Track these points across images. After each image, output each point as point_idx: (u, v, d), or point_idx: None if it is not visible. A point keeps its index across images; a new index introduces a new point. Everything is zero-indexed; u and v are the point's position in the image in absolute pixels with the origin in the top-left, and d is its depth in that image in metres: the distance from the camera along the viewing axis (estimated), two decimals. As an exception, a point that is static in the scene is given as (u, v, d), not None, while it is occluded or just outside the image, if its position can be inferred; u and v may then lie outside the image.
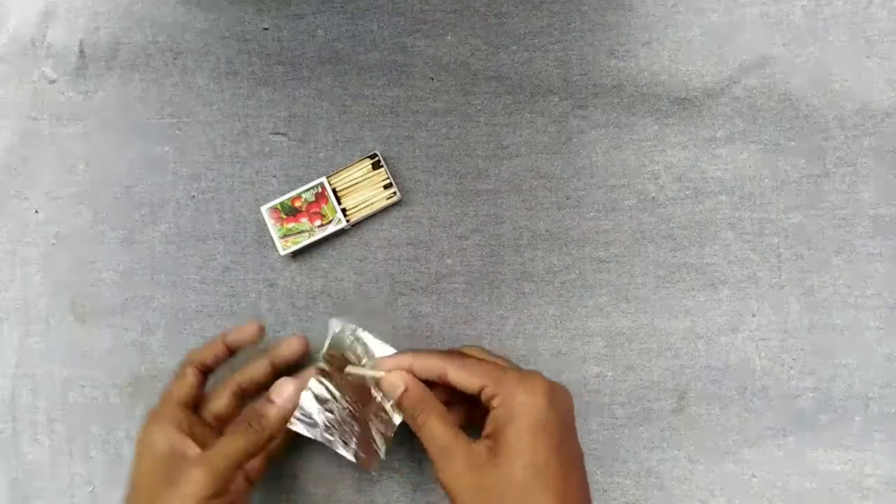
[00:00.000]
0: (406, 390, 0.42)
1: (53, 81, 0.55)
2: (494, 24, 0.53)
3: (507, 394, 0.39)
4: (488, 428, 0.40)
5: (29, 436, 0.53)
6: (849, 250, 0.51)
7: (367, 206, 0.52)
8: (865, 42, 0.52)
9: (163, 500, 0.38)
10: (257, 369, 0.48)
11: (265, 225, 0.52)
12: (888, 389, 0.50)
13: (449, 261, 0.53)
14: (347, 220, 0.51)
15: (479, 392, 0.40)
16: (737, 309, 0.51)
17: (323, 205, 0.51)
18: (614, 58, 0.53)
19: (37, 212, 0.55)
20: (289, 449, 0.51)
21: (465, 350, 0.46)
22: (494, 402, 0.39)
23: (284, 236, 0.51)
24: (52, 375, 0.53)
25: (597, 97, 0.53)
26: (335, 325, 0.46)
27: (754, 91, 0.52)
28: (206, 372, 0.47)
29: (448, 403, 0.43)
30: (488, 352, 0.46)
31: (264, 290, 0.53)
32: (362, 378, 0.45)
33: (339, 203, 0.51)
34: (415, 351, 0.44)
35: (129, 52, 0.55)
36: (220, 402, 0.46)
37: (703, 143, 0.52)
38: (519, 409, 0.38)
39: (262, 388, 0.47)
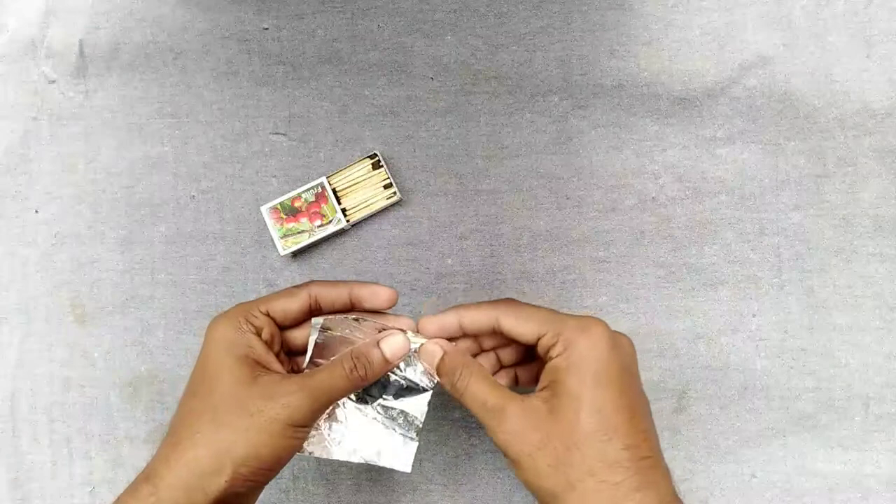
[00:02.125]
0: (444, 355, 0.39)
1: (53, 81, 0.55)
2: (494, 24, 0.53)
3: (566, 342, 0.36)
4: (545, 380, 0.37)
5: (29, 436, 0.53)
6: (849, 250, 0.51)
7: (367, 206, 0.52)
8: (865, 42, 0.52)
9: (252, 405, 0.35)
10: (338, 296, 0.41)
11: (265, 225, 0.52)
12: (888, 389, 0.50)
13: (449, 261, 0.53)
14: (347, 220, 0.51)
15: (536, 342, 0.38)
16: (737, 309, 0.51)
17: (323, 205, 0.51)
18: (614, 58, 0.53)
19: (37, 212, 0.55)
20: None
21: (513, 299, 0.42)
22: (553, 352, 0.37)
23: (284, 236, 0.51)
24: (52, 375, 0.53)
25: (597, 97, 0.53)
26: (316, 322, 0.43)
27: (754, 91, 0.52)
28: (316, 309, 0.41)
29: (494, 374, 0.41)
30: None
31: (264, 290, 0.53)
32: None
33: (339, 203, 0.51)
34: (460, 305, 0.41)
35: (129, 52, 0.55)
36: (290, 306, 0.40)
37: (703, 143, 0.52)
38: (580, 358, 0.36)
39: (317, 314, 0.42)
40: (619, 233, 0.52)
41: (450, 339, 0.41)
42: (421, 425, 0.41)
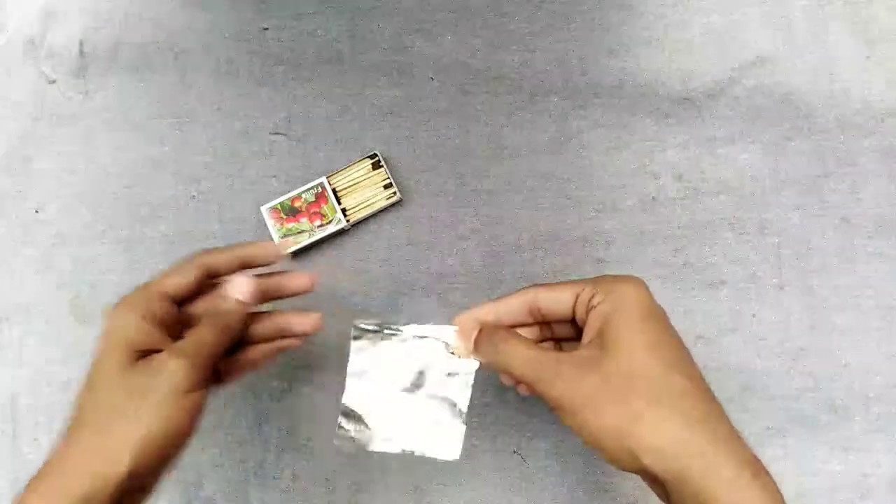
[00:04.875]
0: (481, 330, 0.39)
1: (53, 81, 0.55)
2: (494, 24, 0.53)
3: (606, 290, 0.36)
4: (590, 331, 0.36)
5: (29, 436, 0.53)
6: (849, 250, 0.51)
7: (367, 206, 0.52)
8: (865, 42, 0.52)
9: (138, 387, 0.36)
10: (227, 261, 0.42)
11: (265, 225, 0.52)
12: (888, 389, 0.50)
13: (449, 261, 0.53)
14: (347, 220, 0.51)
15: (573, 306, 0.37)
16: (737, 309, 0.51)
17: (323, 205, 0.51)
18: (614, 58, 0.53)
19: (37, 212, 0.55)
20: (289, 448, 0.51)
21: None
22: (594, 300, 0.36)
23: (285, 236, 0.51)
24: (52, 375, 0.53)
25: (597, 97, 0.53)
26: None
27: (754, 91, 0.52)
28: (209, 278, 0.41)
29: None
30: None
31: (264, 290, 0.53)
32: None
33: (339, 203, 0.51)
34: (492, 299, 0.40)
35: (129, 52, 0.55)
36: (182, 281, 0.40)
37: (703, 143, 0.52)
38: (624, 299, 0.35)
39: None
40: (619, 233, 0.52)
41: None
42: (465, 409, 0.41)
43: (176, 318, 0.40)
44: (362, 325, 0.42)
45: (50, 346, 0.54)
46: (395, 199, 0.52)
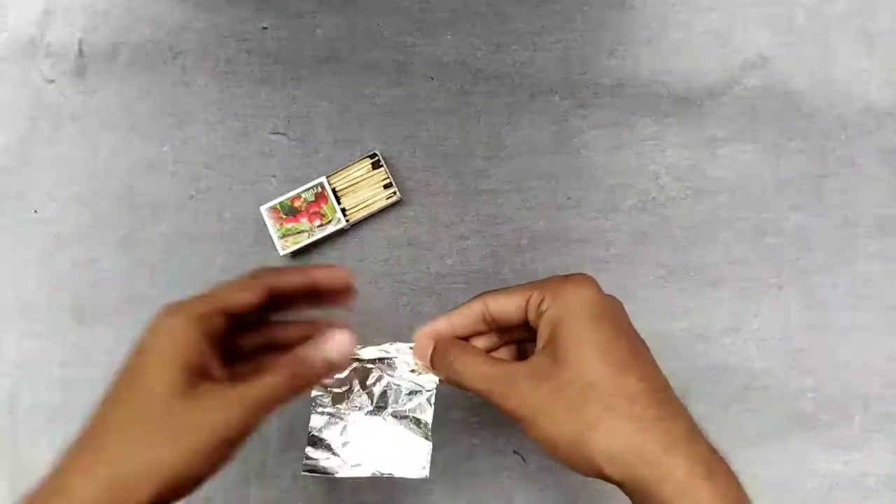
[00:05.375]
0: (435, 345, 0.38)
1: (53, 81, 0.55)
2: (494, 23, 0.53)
3: (554, 293, 0.35)
4: (542, 337, 0.36)
5: (29, 436, 0.53)
6: (849, 250, 0.51)
7: (367, 205, 0.51)
8: (865, 42, 0.52)
9: (187, 419, 0.32)
10: (295, 283, 0.38)
11: (265, 225, 0.52)
12: (888, 389, 0.50)
13: (449, 261, 0.53)
14: (347, 220, 0.51)
15: (525, 311, 0.37)
16: (737, 309, 0.51)
17: (322, 205, 0.51)
18: (614, 58, 0.53)
19: (37, 212, 0.55)
20: (289, 448, 0.51)
21: None
22: (543, 306, 0.36)
23: (284, 236, 0.51)
24: (52, 375, 0.53)
25: (597, 97, 0.53)
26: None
27: (754, 91, 0.52)
28: (272, 298, 0.37)
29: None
30: None
31: (264, 290, 0.53)
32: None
33: (339, 203, 0.51)
34: (447, 312, 0.40)
35: (129, 52, 0.54)
36: (246, 300, 0.37)
37: (703, 143, 0.52)
38: (571, 302, 0.35)
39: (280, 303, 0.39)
40: (619, 233, 0.52)
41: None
42: (430, 425, 0.41)
43: (226, 339, 0.37)
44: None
45: (50, 346, 0.54)
46: (395, 199, 0.52)
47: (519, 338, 0.41)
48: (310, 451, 0.40)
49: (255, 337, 0.40)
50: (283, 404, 0.34)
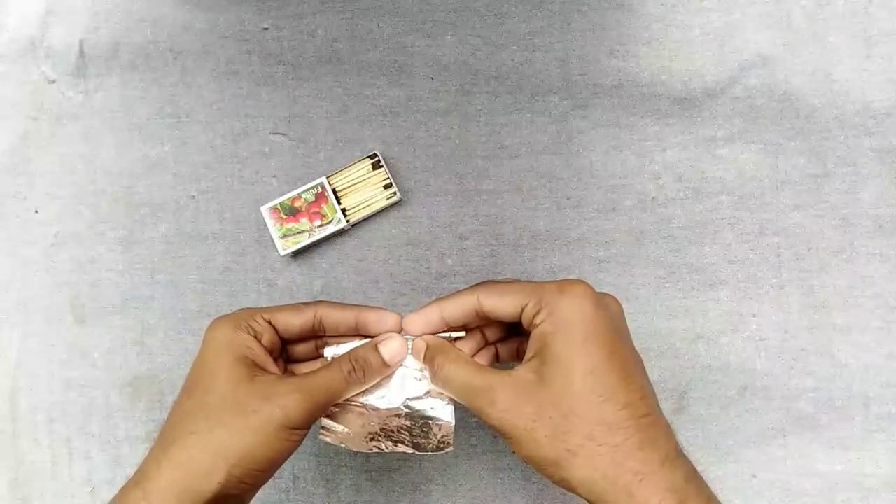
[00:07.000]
0: (428, 347, 0.39)
1: (53, 81, 0.55)
2: (494, 24, 0.53)
3: (550, 306, 0.35)
4: (532, 349, 0.36)
5: (29, 436, 0.53)
6: (849, 250, 0.51)
7: (367, 206, 0.52)
8: (865, 42, 0.52)
9: (248, 405, 0.35)
10: (343, 319, 0.41)
11: (265, 225, 0.52)
12: (888, 389, 0.50)
13: (449, 261, 0.53)
14: (347, 220, 0.51)
15: (520, 315, 0.37)
16: (737, 309, 0.51)
17: (323, 205, 0.51)
18: (614, 58, 0.53)
19: (37, 212, 0.55)
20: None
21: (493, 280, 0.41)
22: (537, 319, 0.36)
23: (284, 236, 0.51)
24: (52, 375, 0.53)
25: (597, 97, 0.53)
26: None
27: (754, 91, 0.52)
28: (319, 329, 0.41)
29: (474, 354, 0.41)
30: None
31: (264, 290, 0.53)
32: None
33: (339, 203, 0.51)
34: (440, 297, 0.40)
35: (129, 52, 0.55)
36: (294, 321, 0.40)
37: (703, 143, 0.52)
38: (565, 320, 0.35)
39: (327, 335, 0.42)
40: (619, 233, 0.52)
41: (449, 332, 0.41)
42: (451, 430, 0.40)
43: (280, 349, 0.40)
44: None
45: (50, 346, 0.54)
46: (395, 199, 0.52)
47: (505, 336, 0.42)
48: (325, 422, 0.40)
49: (307, 345, 0.42)
50: (338, 398, 0.37)
